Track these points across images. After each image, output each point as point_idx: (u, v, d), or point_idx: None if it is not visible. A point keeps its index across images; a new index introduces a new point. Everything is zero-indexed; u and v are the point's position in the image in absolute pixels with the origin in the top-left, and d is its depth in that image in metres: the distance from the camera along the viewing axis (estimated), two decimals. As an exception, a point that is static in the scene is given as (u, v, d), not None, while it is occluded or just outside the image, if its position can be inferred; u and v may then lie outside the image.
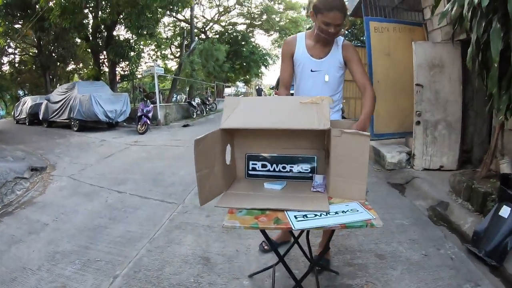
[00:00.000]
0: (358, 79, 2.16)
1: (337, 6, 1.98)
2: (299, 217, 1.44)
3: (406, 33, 5.86)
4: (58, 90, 12.64)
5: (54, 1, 12.03)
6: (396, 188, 4.45)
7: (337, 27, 2.04)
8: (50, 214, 3.70)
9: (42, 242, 3.02)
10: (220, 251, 2.77)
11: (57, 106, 11.90)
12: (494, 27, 2.41)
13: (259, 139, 1.98)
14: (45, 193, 4.51)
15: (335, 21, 2.01)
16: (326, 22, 2.02)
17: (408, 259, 2.59)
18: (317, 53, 2.22)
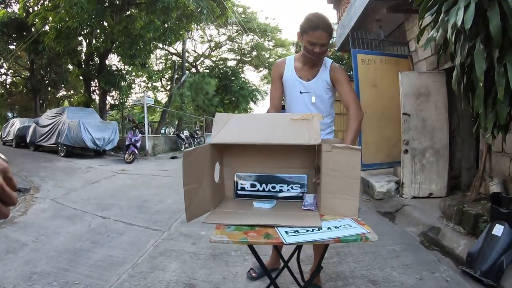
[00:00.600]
0: (343, 99, 2.17)
1: (321, 25, 1.99)
2: (290, 233, 1.38)
3: (392, 65, 6.04)
4: (48, 114, 12.49)
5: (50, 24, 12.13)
6: (386, 217, 4.40)
7: (322, 47, 2.04)
8: (30, 235, 3.55)
9: (19, 262, 2.87)
10: (206, 278, 2.65)
11: (45, 130, 11.73)
12: (478, 48, 2.46)
13: (248, 158, 1.94)
14: (27, 214, 4.36)
15: (320, 40, 2.02)
16: (311, 41, 2.03)
17: (403, 283, 2.51)
18: (305, 75, 2.23)
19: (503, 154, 3.69)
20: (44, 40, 11.98)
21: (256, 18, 23.21)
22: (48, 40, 11.70)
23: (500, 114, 2.43)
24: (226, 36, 24.86)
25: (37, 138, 12.16)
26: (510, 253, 2.44)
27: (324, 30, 2.00)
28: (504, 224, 2.53)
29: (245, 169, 1.93)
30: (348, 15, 7.81)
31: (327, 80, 2.21)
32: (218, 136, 1.70)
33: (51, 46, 12.27)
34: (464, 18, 2.42)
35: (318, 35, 2.00)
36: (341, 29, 8.88)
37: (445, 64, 4.76)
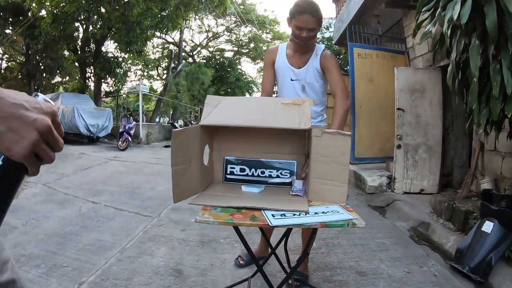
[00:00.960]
0: (331, 87, 2.17)
1: (308, 9, 1.97)
2: (276, 216, 1.37)
3: (389, 60, 6.01)
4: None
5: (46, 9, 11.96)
6: (376, 211, 4.41)
7: (310, 31, 2.02)
8: (20, 218, 3.53)
9: (8, 244, 2.84)
10: (194, 264, 2.64)
11: (38, 116, 11.59)
12: (473, 43, 2.46)
13: (238, 142, 1.92)
14: (18, 198, 4.31)
15: (307, 24, 2.00)
16: (299, 26, 2.01)
17: (391, 276, 2.51)
18: (296, 62, 2.22)
19: (496, 153, 3.70)
20: (40, 25, 11.80)
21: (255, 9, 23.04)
22: (44, 24, 11.52)
23: (494, 110, 2.42)
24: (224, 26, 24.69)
25: (30, 124, 12.02)
26: (499, 250, 2.46)
27: (311, 14, 1.98)
28: (494, 221, 2.54)
29: (234, 153, 1.92)
30: (347, 9, 7.78)
31: (317, 67, 2.20)
32: (208, 117, 1.68)
33: (47, 31, 12.07)
34: (460, 12, 2.41)
35: (305, 19, 1.98)
36: (339, 23, 8.85)
37: (441, 62, 4.76)
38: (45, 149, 0.55)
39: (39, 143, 0.53)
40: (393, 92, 5.11)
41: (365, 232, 3.41)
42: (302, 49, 2.16)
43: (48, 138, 0.55)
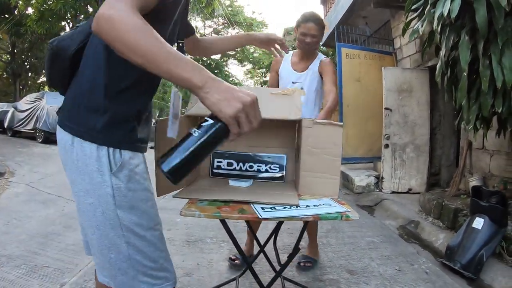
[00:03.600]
0: (325, 88, 2.33)
1: (312, 19, 2.26)
2: (266, 209, 1.30)
3: (376, 61, 6.04)
4: (26, 99, 12.01)
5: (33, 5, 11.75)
6: (365, 210, 4.39)
7: (313, 37, 2.27)
8: (2, 218, 3.41)
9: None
10: (180, 264, 2.55)
11: (23, 115, 11.27)
12: (463, 39, 2.45)
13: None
14: (0, 198, 4.21)
15: (310, 31, 2.25)
16: (303, 32, 2.27)
17: (382, 274, 2.47)
18: (299, 67, 2.44)
19: (484, 151, 3.71)
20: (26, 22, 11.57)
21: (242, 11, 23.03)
22: (30, 22, 11.31)
23: (484, 106, 2.42)
24: (211, 28, 24.58)
25: (15, 123, 11.70)
26: (490, 246, 2.44)
27: (314, 23, 2.25)
28: (484, 217, 2.53)
29: (222, 147, 1.84)
30: (335, 10, 7.81)
31: (316, 72, 2.40)
32: (195, 108, 1.61)
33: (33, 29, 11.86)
34: (450, 8, 2.40)
35: (309, 26, 2.25)
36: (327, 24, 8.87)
37: (428, 62, 4.78)
38: (244, 118, 0.75)
39: (241, 111, 0.74)
40: (380, 92, 5.12)
41: (354, 231, 3.37)
42: (307, 56, 2.40)
43: (247, 111, 0.75)
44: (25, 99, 12.32)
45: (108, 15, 0.72)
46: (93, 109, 0.90)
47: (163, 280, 0.97)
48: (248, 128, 0.77)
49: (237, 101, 0.74)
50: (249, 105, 0.75)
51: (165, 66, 0.73)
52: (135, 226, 0.92)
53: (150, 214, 0.97)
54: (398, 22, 5.73)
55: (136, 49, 0.72)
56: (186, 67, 0.74)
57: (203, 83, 0.74)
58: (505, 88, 2.27)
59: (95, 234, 0.93)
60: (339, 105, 5.99)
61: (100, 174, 0.90)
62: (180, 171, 0.79)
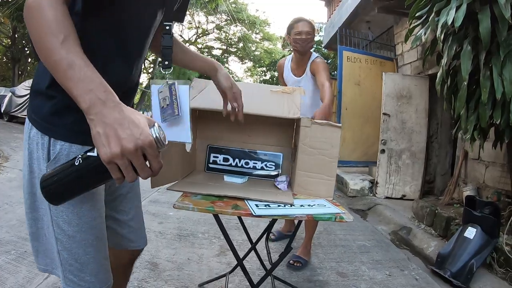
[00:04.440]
0: (318, 81, 2.36)
1: (303, 19, 2.45)
2: (260, 206, 1.29)
3: (377, 66, 6.04)
4: (25, 85, 11.92)
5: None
6: (358, 213, 4.39)
7: (308, 35, 2.42)
8: (-7, 203, 3.38)
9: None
10: (170, 258, 2.54)
11: (21, 101, 11.21)
12: (465, 48, 2.45)
13: (223, 131, 1.84)
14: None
15: (304, 28, 2.42)
16: (298, 31, 2.42)
17: (372, 278, 2.47)
18: (298, 72, 2.61)
19: (479, 162, 3.72)
20: (29, 7, 11.46)
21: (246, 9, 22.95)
22: (33, 6, 11.19)
23: (482, 116, 2.42)
24: (214, 24, 24.50)
25: (12, 108, 11.62)
26: (481, 256, 2.45)
27: (305, 21, 2.44)
28: (476, 227, 2.54)
29: (219, 141, 1.84)
30: (339, 13, 7.80)
31: (309, 73, 2.53)
32: (193, 101, 1.59)
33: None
34: (454, 17, 2.40)
35: (302, 24, 2.43)
36: (330, 27, 8.87)
37: (429, 70, 4.79)
38: (124, 166, 0.62)
39: (118, 157, 0.60)
40: (379, 98, 5.13)
41: (346, 234, 3.38)
42: (302, 59, 2.54)
43: (131, 159, 0.61)
44: (24, 84, 12.22)
45: (29, 3, 0.64)
46: (40, 93, 0.83)
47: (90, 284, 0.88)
48: (130, 179, 0.63)
49: (116, 143, 0.60)
50: (130, 153, 0.61)
51: (60, 75, 0.63)
52: (64, 223, 0.83)
53: (84, 217, 0.85)
54: (401, 28, 5.73)
55: (38, 49, 0.65)
56: (77, 84, 0.62)
57: (89, 106, 0.62)
58: (504, 100, 2.28)
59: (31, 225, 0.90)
60: (338, 108, 6.00)
61: (37, 162, 0.84)
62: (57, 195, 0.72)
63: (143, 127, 0.62)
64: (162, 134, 0.66)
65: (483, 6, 2.37)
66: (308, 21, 2.44)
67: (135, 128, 0.62)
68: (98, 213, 0.89)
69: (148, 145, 0.62)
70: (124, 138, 0.60)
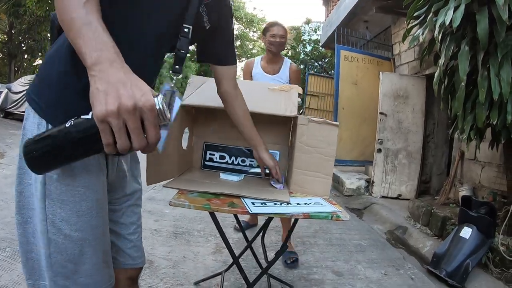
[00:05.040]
0: None
1: (277, 23, 2.64)
2: (257, 204, 1.28)
3: (374, 65, 6.04)
4: (21, 81, 11.83)
5: None
6: (354, 213, 4.40)
7: (281, 38, 2.60)
8: (-12, 200, 3.34)
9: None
10: (166, 255, 2.53)
11: (17, 97, 11.10)
12: (463, 49, 2.45)
13: (219, 128, 1.83)
14: (-13, 178, 4.12)
15: (279, 31, 2.59)
16: (272, 34, 2.60)
17: (367, 277, 2.48)
18: (270, 71, 2.73)
19: (475, 162, 3.74)
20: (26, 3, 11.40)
21: (244, 7, 22.91)
22: (30, 3, 11.13)
23: (479, 116, 2.42)
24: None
25: (8, 105, 11.52)
26: (477, 256, 2.46)
27: (280, 26, 2.62)
28: (472, 227, 2.54)
29: (215, 139, 1.83)
30: (337, 12, 7.80)
31: (287, 75, 2.71)
32: (190, 98, 1.58)
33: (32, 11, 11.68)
34: (452, 18, 2.40)
35: (276, 28, 2.61)
36: (328, 26, 8.87)
37: (426, 70, 4.79)
38: (119, 128, 0.57)
39: (113, 116, 0.55)
40: (376, 97, 5.13)
41: (342, 233, 3.38)
42: (274, 59, 2.70)
43: (126, 119, 0.56)
44: (20, 80, 12.14)
45: None
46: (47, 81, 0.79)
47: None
48: (122, 144, 0.58)
49: (113, 100, 0.56)
50: (126, 110, 0.56)
51: (73, 32, 0.61)
52: (61, 222, 0.77)
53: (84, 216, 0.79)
54: (398, 28, 5.74)
55: (59, 7, 0.63)
56: (89, 41, 0.59)
57: (94, 62, 0.59)
58: (501, 101, 2.29)
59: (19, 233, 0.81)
60: (334, 107, 6.01)
61: None
62: (40, 161, 0.65)
63: (146, 91, 0.59)
64: (166, 107, 0.60)
65: (481, 7, 2.38)
66: (282, 25, 2.63)
67: (137, 90, 0.58)
68: (100, 213, 0.83)
69: (148, 108, 0.57)
70: (123, 95, 0.56)
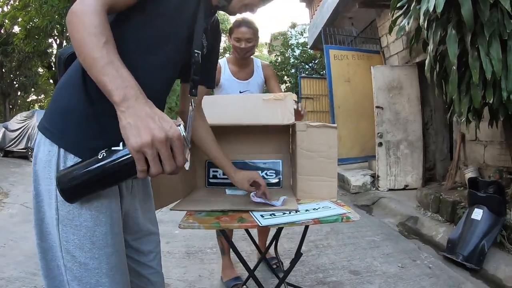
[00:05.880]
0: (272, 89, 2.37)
1: (244, 22, 2.12)
2: (266, 216, 1.28)
3: (365, 60, 6.08)
4: (17, 118, 11.87)
5: (19, 23, 11.76)
6: (363, 209, 4.38)
7: (248, 42, 2.15)
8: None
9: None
10: (181, 276, 2.51)
11: (15, 135, 11.13)
12: (450, 33, 2.47)
13: (220, 144, 1.83)
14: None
15: (244, 35, 2.13)
16: (237, 38, 2.15)
17: (385, 272, 2.46)
18: (242, 76, 2.34)
19: (477, 142, 3.74)
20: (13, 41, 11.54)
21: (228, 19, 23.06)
22: (17, 40, 11.26)
23: (475, 97, 2.43)
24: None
25: (7, 143, 11.54)
26: (491, 236, 2.44)
27: (247, 26, 2.12)
28: (483, 208, 2.53)
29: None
30: (321, 13, 7.85)
31: (262, 77, 2.39)
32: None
33: (20, 48, 11.82)
34: (435, 3, 2.42)
35: (242, 30, 2.12)
36: (314, 28, 8.92)
37: (416, 58, 4.81)
38: (152, 156, 0.64)
39: (148, 146, 0.63)
40: (370, 91, 5.14)
41: (354, 231, 3.36)
42: (244, 62, 2.30)
43: (159, 149, 0.64)
44: (16, 118, 12.17)
45: (74, 9, 0.70)
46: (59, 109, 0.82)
47: None
48: (156, 170, 0.66)
49: (146, 133, 0.63)
50: (160, 142, 0.64)
51: (97, 70, 0.66)
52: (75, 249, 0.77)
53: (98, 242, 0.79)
54: (383, 20, 5.77)
55: (79, 47, 0.68)
56: (114, 79, 0.65)
57: (122, 99, 0.65)
58: (494, 79, 2.29)
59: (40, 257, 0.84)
60: (330, 107, 6.02)
61: (45, 182, 0.81)
62: (74, 192, 0.71)
63: (171, 123, 0.66)
64: (187, 134, 0.71)
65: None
66: (249, 25, 2.13)
67: (165, 122, 0.65)
68: (115, 240, 0.83)
69: (177, 137, 0.66)
70: (155, 129, 0.64)
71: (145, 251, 1.01)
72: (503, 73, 2.27)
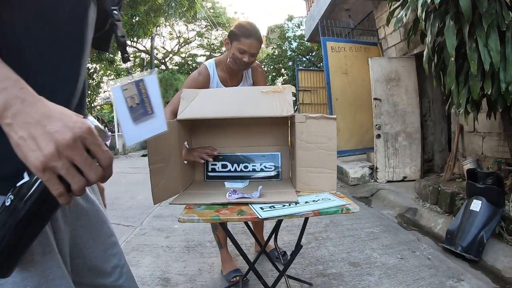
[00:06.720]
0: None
1: (255, 34, 1.90)
2: (265, 208, 1.28)
3: (362, 52, 6.05)
4: None
5: None
6: (362, 201, 4.39)
7: (252, 57, 1.94)
8: None
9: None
10: (181, 271, 2.51)
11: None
12: (448, 24, 2.46)
13: (218, 138, 1.83)
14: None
15: (251, 49, 1.91)
16: (242, 49, 1.90)
17: (384, 264, 2.47)
18: (231, 84, 2.13)
19: (475, 134, 3.74)
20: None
21: (225, 12, 22.92)
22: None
23: (473, 89, 2.43)
24: (195, 31, 24.41)
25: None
26: (490, 227, 2.45)
27: (256, 40, 1.91)
28: (481, 199, 2.54)
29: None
30: (318, 5, 7.80)
31: (250, 82, 2.22)
32: (185, 112, 1.58)
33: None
34: (433, -6, 2.41)
35: (250, 43, 1.89)
36: (311, 20, 8.88)
37: (414, 49, 4.80)
38: (65, 169, 0.47)
39: (55, 158, 0.46)
40: (368, 83, 5.13)
41: (353, 223, 3.37)
42: (237, 71, 2.08)
43: (70, 157, 0.47)
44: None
45: None
46: None
47: None
48: (78, 184, 0.48)
49: (47, 141, 0.46)
50: (67, 146, 0.47)
51: None
52: None
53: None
54: (381, 12, 5.74)
55: None
56: None
57: (3, 107, 0.46)
58: (493, 70, 2.29)
59: None
60: (328, 99, 6.00)
61: None
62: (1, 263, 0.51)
63: (73, 115, 0.50)
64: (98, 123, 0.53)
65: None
66: (259, 39, 1.93)
67: (67, 118, 0.48)
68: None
69: (87, 132, 0.49)
70: (56, 131, 0.47)
71: (109, 270, 0.82)
72: (501, 64, 2.26)
